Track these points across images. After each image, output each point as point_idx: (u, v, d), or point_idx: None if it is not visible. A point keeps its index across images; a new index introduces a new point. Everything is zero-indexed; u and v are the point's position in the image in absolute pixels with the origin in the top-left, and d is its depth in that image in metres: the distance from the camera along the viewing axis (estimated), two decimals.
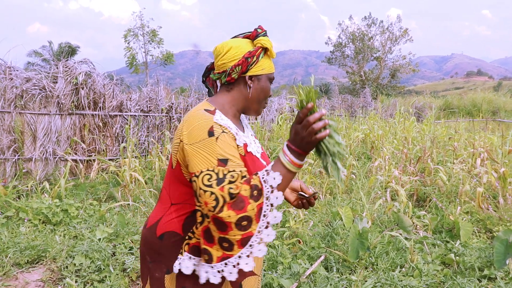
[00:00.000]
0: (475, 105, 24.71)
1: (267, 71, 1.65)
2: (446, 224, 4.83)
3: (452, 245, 4.27)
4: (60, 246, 4.23)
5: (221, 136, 1.47)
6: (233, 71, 1.61)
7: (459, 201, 5.46)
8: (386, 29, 39.34)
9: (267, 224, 1.38)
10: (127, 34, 31.85)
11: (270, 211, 1.38)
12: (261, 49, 1.62)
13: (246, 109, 1.69)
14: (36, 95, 6.83)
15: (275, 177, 1.39)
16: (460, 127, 10.90)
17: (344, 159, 4.74)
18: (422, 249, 4.20)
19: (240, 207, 1.34)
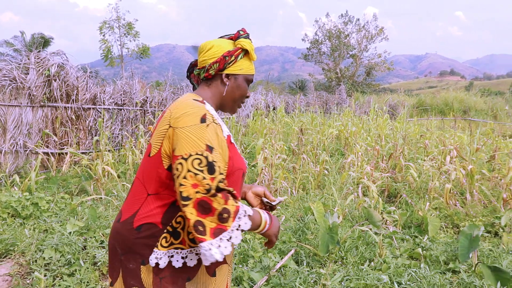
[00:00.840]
0: (447, 104, 25.24)
1: (245, 72, 1.73)
2: (415, 220, 4.95)
3: (420, 240, 4.39)
4: (30, 239, 4.17)
5: (211, 125, 1.54)
6: (211, 67, 1.70)
7: (428, 197, 5.61)
8: (362, 27, 39.77)
9: (238, 226, 1.46)
10: (103, 26, 31.29)
11: (243, 216, 1.48)
12: (240, 50, 1.70)
13: (222, 106, 1.78)
14: (6, 86, 6.69)
15: (246, 222, 1.50)
16: (432, 125, 11.16)
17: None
18: (391, 244, 4.29)
19: (227, 198, 1.44)
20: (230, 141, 1.63)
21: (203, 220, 1.42)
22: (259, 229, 1.58)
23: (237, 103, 1.78)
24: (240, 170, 1.65)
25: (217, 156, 1.48)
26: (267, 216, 1.61)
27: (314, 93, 17.88)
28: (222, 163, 1.51)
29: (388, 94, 34.80)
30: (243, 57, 1.72)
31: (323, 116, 12.41)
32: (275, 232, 1.63)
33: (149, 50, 33.52)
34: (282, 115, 11.41)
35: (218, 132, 1.56)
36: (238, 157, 1.65)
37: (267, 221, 1.59)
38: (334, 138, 10.17)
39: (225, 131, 1.63)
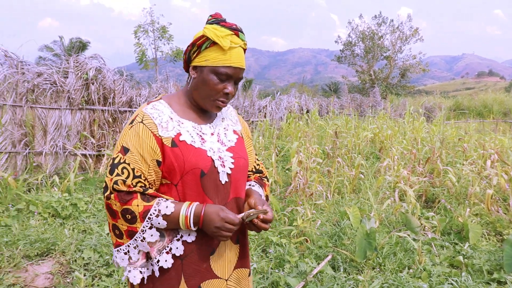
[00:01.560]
0: (486, 106, 24.48)
1: (212, 63, 1.51)
2: (454, 226, 4.81)
3: (460, 247, 4.25)
4: (69, 239, 4.27)
5: (136, 126, 1.49)
6: (183, 60, 1.63)
7: (468, 203, 5.43)
8: (397, 28, 39.09)
9: (151, 225, 1.44)
10: (137, 30, 31.90)
11: (155, 216, 1.42)
12: (205, 38, 1.51)
13: (196, 101, 1.61)
14: (47, 90, 6.89)
15: (159, 222, 1.44)
16: (470, 128, 10.83)
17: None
18: (430, 251, 4.18)
19: (125, 200, 1.41)
20: (178, 139, 1.51)
21: (116, 223, 1.46)
22: (182, 225, 1.45)
23: (209, 99, 1.56)
24: (196, 169, 1.49)
25: (131, 157, 1.45)
26: (191, 211, 1.45)
27: (347, 96, 17.69)
28: (138, 164, 1.45)
29: (423, 96, 34.09)
30: (209, 46, 1.50)
31: (357, 119, 12.24)
32: (212, 229, 1.45)
33: (183, 53, 33.97)
34: (316, 118, 11.32)
35: (142, 132, 1.47)
36: (193, 156, 1.50)
37: (188, 216, 1.44)
38: (368, 141, 10.02)
39: (171, 130, 1.52)
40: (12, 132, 6.43)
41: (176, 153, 1.49)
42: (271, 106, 12.14)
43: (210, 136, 1.61)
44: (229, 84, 1.55)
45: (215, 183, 1.55)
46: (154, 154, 1.48)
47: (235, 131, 1.74)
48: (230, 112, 1.79)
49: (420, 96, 36.66)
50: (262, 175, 1.89)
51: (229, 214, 1.45)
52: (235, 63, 1.52)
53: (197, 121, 1.62)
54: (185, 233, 1.52)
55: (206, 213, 1.45)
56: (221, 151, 1.59)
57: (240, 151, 1.67)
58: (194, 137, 1.55)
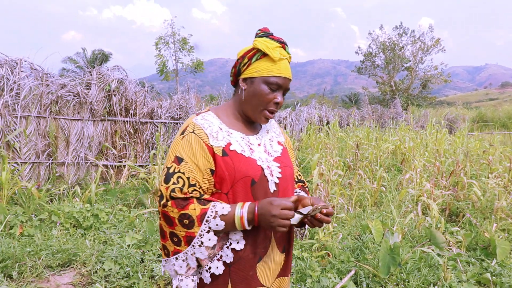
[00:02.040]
0: (511, 117, 23.99)
1: (263, 74, 1.58)
2: (480, 242, 4.67)
3: (488, 264, 4.12)
4: (90, 250, 4.28)
5: (188, 136, 1.55)
6: (231, 73, 1.69)
7: (494, 217, 5.28)
8: (418, 38, 38.72)
9: (208, 229, 1.46)
10: (158, 41, 32.31)
11: (213, 217, 1.46)
12: (255, 51, 1.59)
13: (245, 112, 1.67)
14: (70, 101, 7.00)
15: (217, 224, 1.46)
16: (495, 140, 10.60)
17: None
18: (456, 267, 4.06)
19: (182, 205, 1.46)
20: (229, 148, 1.56)
21: (174, 230, 1.49)
22: (238, 226, 1.48)
23: (258, 109, 1.62)
24: (247, 177, 1.54)
25: (185, 166, 1.50)
26: (245, 210, 1.48)
27: (368, 107, 17.53)
28: (193, 173, 1.50)
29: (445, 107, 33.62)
30: (259, 58, 1.59)
31: (378, 131, 12.11)
32: (269, 219, 1.44)
33: (203, 64, 34.23)
34: (336, 129, 11.24)
35: (194, 142, 1.53)
36: (243, 165, 1.54)
37: (243, 216, 1.47)
38: (390, 153, 9.88)
39: (221, 140, 1.57)
40: (36, 143, 6.53)
41: (227, 162, 1.54)
42: (291, 117, 12.10)
43: (258, 146, 1.66)
44: (279, 94, 1.62)
45: (265, 191, 1.58)
46: (208, 163, 1.53)
47: (279, 142, 1.78)
48: (273, 124, 1.85)
49: (441, 107, 36.16)
50: (304, 184, 1.94)
51: (283, 201, 1.45)
52: (284, 73, 1.60)
53: (245, 132, 1.68)
54: (234, 241, 1.54)
55: (260, 207, 1.47)
56: (268, 161, 1.64)
57: (286, 161, 1.72)
58: (243, 146, 1.60)
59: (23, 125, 6.40)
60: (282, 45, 1.61)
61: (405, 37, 39.23)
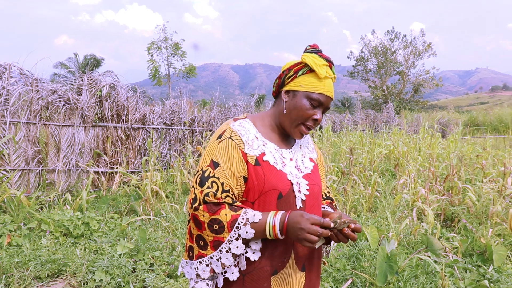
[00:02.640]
0: (502, 121, 24.14)
1: (306, 89, 1.57)
2: (477, 247, 4.63)
3: (485, 270, 4.07)
4: (81, 260, 4.18)
5: (225, 141, 1.55)
6: (274, 84, 1.69)
7: (490, 222, 5.25)
8: (409, 43, 38.98)
9: (238, 236, 1.45)
10: (151, 46, 32.23)
11: (243, 224, 1.45)
12: (302, 65, 1.59)
13: (282, 125, 1.66)
14: (61, 107, 6.89)
15: (247, 231, 1.45)
16: (487, 144, 10.62)
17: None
18: (453, 274, 4.01)
19: (213, 210, 1.46)
20: (262, 159, 1.55)
21: (202, 234, 1.50)
22: (269, 235, 1.47)
23: (295, 123, 1.60)
24: (275, 190, 1.53)
25: (221, 171, 1.50)
26: (277, 219, 1.46)
27: (361, 112, 17.55)
28: (228, 179, 1.50)
29: (437, 111, 33.82)
30: (305, 73, 1.58)
31: (372, 135, 12.09)
32: (297, 231, 1.41)
33: (195, 69, 34.18)
34: (329, 134, 11.20)
35: (231, 147, 1.53)
36: (274, 178, 1.54)
37: (275, 225, 1.45)
38: (383, 158, 9.86)
39: (256, 149, 1.57)
40: (25, 150, 6.42)
41: (258, 172, 1.54)
42: None
43: (289, 161, 1.65)
44: (319, 111, 1.61)
45: (291, 206, 1.57)
46: (243, 170, 1.53)
47: (311, 158, 1.77)
48: (307, 140, 1.83)
49: (433, 111, 36.40)
50: (332, 202, 1.91)
51: (315, 216, 1.43)
52: (327, 91, 1.59)
53: (279, 144, 1.67)
54: (250, 251, 1.52)
55: (290, 217, 1.45)
56: (298, 177, 1.62)
57: (315, 178, 1.70)
58: (276, 159, 1.60)
59: (12, 131, 6.29)
60: (329, 64, 1.60)
61: (397, 41, 39.49)
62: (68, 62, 32.35)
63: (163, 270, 4.06)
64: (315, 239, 1.39)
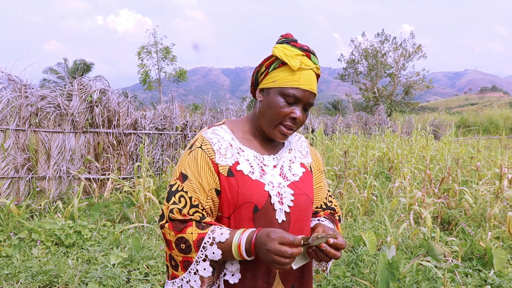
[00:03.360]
0: (492, 122, 24.29)
1: (279, 84, 1.39)
2: (476, 251, 4.58)
3: (486, 274, 4.02)
4: (73, 271, 4.06)
5: (194, 151, 1.41)
6: (251, 83, 1.54)
7: (488, 225, 5.20)
8: (399, 45, 39.21)
9: (205, 257, 1.31)
10: (141, 51, 32.09)
11: (210, 244, 1.30)
12: (273, 58, 1.42)
13: (261, 127, 1.48)
14: (50, 113, 6.76)
15: (214, 252, 1.31)
16: (480, 145, 10.63)
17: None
18: (454, 279, 3.95)
19: (179, 228, 1.32)
20: (236, 168, 1.39)
21: (171, 253, 1.37)
22: (236, 255, 1.29)
23: (273, 124, 1.42)
24: (249, 203, 1.35)
25: (189, 184, 1.36)
26: (244, 238, 1.28)
27: (353, 114, 17.54)
28: (196, 193, 1.36)
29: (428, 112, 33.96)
30: (278, 67, 1.40)
31: (365, 138, 12.06)
32: (264, 253, 1.23)
33: (186, 73, 34.07)
34: (322, 137, 11.15)
35: (200, 158, 1.39)
36: (248, 189, 1.36)
37: (241, 244, 1.27)
38: (376, 161, 9.82)
39: (230, 158, 1.41)
40: (15, 157, 6.28)
41: (231, 183, 1.37)
42: None
43: (272, 168, 1.46)
44: (297, 109, 1.41)
45: (269, 221, 1.38)
46: (213, 182, 1.38)
47: (302, 164, 1.56)
48: (300, 143, 1.64)
49: (424, 112, 36.53)
50: (335, 212, 1.70)
51: (283, 234, 1.22)
52: (304, 85, 1.40)
53: (260, 150, 1.49)
54: (229, 272, 1.37)
55: (257, 236, 1.26)
56: (281, 186, 1.43)
57: (303, 187, 1.49)
58: (254, 167, 1.42)
59: (0, 139, 6.14)
60: (306, 53, 1.41)
61: (387, 44, 39.71)
62: (57, 67, 32.09)
63: (158, 280, 3.96)
64: (285, 261, 1.20)
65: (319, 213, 1.64)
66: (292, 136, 1.61)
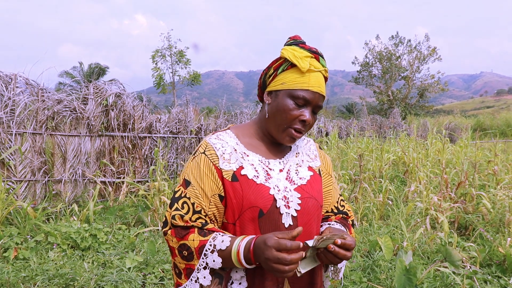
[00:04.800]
0: (509, 124, 23.94)
1: (288, 86, 1.37)
2: (495, 257, 4.49)
3: (505, 281, 3.94)
4: (89, 274, 4.08)
5: (198, 157, 1.41)
6: (258, 87, 1.53)
7: (507, 231, 5.11)
8: (414, 48, 38.91)
9: (206, 265, 1.29)
10: (155, 54, 32.30)
11: (210, 252, 1.28)
12: (282, 60, 1.41)
13: (268, 131, 1.46)
14: (67, 117, 6.82)
15: (214, 260, 1.28)
16: (497, 149, 10.48)
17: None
18: (473, 286, 3.88)
19: (181, 235, 1.31)
20: (240, 173, 1.37)
21: (175, 261, 1.37)
22: (236, 263, 1.26)
23: (282, 128, 1.40)
24: (254, 208, 1.33)
25: (191, 191, 1.36)
26: (243, 244, 1.24)
27: (367, 117, 17.43)
28: (199, 199, 1.35)
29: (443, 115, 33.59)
30: (286, 69, 1.39)
31: (379, 141, 11.97)
32: (263, 261, 1.19)
33: (200, 77, 34.19)
34: (336, 141, 11.09)
35: (203, 163, 1.38)
36: (252, 193, 1.34)
37: (239, 251, 1.23)
38: (391, 164, 9.73)
39: (234, 162, 1.39)
40: (31, 160, 6.35)
41: (236, 188, 1.35)
42: None
43: (278, 172, 1.43)
44: (307, 111, 1.39)
45: (275, 225, 1.35)
46: (216, 188, 1.37)
47: (310, 167, 1.53)
48: (309, 146, 1.61)
49: (439, 115, 36.16)
50: (347, 217, 1.66)
51: (280, 240, 1.16)
52: (313, 87, 1.38)
53: (266, 155, 1.47)
54: (236, 281, 1.34)
55: (256, 243, 1.22)
56: (287, 190, 1.40)
57: (311, 191, 1.46)
58: (259, 171, 1.40)
59: (18, 142, 6.22)
60: (314, 55, 1.40)
61: (401, 46, 39.43)
62: (73, 71, 32.52)
63: (174, 284, 3.96)
64: (284, 269, 1.15)
65: (330, 217, 1.61)
66: (300, 140, 1.58)
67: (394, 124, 17.23)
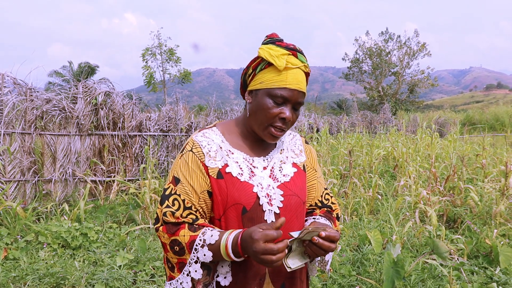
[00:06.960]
0: (498, 119, 24.16)
1: (267, 85, 1.39)
2: (482, 249, 4.56)
3: (492, 272, 4.01)
4: (80, 273, 4.09)
5: (185, 155, 1.43)
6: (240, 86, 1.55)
7: (494, 223, 5.19)
8: (404, 44, 39.09)
9: (197, 259, 1.32)
10: (145, 53, 32.09)
11: (201, 246, 1.31)
12: (259, 60, 1.42)
13: (252, 129, 1.48)
14: (56, 116, 6.80)
15: (205, 254, 1.31)
16: (486, 143, 10.59)
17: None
18: (460, 277, 3.94)
19: (172, 231, 1.34)
20: (225, 171, 1.40)
21: (167, 255, 1.40)
22: (225, 257, 1.29)
23: (263, 126, 1.42)
24: (238, 205, 1.37)
25: (181, 188, 1.38)
26: (230, 238, 1.27)
27: (358, 113, 17.52)
28: (189, 196, 1.38)
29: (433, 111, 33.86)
30: (264, 68, 1.40)
31: (369, 137, 12.03)
32: (252, 254, 1.21)
33: (191, 75, 34.06)
34: (327, 136, 11.14)
35: (191, 161, 1.41)
36: (236, 191, 1.38)
37: (227, 245, 1.26)
38: (381, 159, 9.80)
39: (219, 160, 1.42)
40: (21, 160, 6.32)
41: (221, 185, 1.39)
42: None
43: (262, 170, 1.47)
44: (286, 109, 1.41)
45: (258, 222, 1.38)
46: (205, 184, 1.40)
47: (295, 163, 1.56)
48: (294, 141, 1.63)
49: (429, 111, 36.46)
50: (332, 210, 1.67)
51: (266, 231, 1.19)
52: (291, 84, 1.39)
53: (250, 152, 1.50)
54: (221, 275, 1.38)
55: (243, 237, 1.25)
56: (270, 188, 1.43)
57: (294, 188, 1.48)
58: (243, 169, 1.43)
59: (7, 142, 6.19)
60: (292, 52, 1.41)
61: (391, 42, 39.59)
62: (62, 70, 32.23)
63: (164, 281, 3.98)
64: (272, 259, 1.18)
65: (315, 211, 1.63)
66: (285, 135, 1.61)
67: (385, 120, 17.33)
